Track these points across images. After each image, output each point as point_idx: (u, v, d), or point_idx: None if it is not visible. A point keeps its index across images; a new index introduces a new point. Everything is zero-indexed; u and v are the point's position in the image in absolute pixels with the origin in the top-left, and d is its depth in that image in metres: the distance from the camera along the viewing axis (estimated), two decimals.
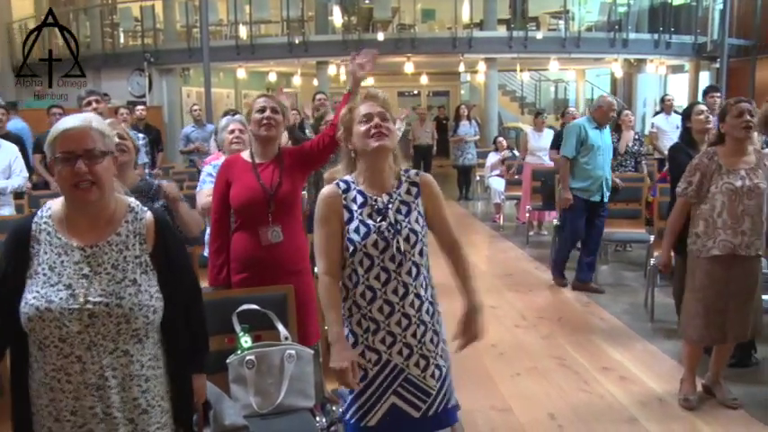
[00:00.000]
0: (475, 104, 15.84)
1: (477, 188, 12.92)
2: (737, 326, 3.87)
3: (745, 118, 3.78)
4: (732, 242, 3.78)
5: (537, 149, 9.13)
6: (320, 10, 15.81)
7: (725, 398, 4.02)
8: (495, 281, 6.95)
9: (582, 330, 5.41)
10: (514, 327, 5.53)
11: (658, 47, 15.35)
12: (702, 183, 3.85)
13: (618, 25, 15.44)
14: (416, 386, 2.42)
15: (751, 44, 15.05)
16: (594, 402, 4.13)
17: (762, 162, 3.86)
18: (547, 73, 19.86)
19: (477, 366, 4.65)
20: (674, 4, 16.28)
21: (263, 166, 3.36)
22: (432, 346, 2.45)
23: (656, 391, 4.23)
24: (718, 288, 3.83)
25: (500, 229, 9.72)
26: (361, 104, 2.45)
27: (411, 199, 2.46)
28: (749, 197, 3.76)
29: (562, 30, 15.47)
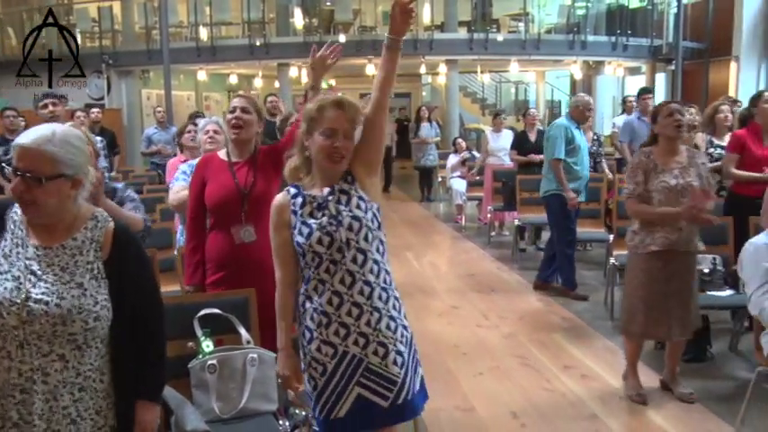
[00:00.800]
0: (436, 106, 15.91)
1: (439, 189, 12.98)
2: (681, 322, 3.97)
3: (676, 117, 3.91)
4: (670, 238, 3.88)
5: (496, 150, 9.21)
6: (281, 12, 15.74)
7: (681, 392, 4.11)
8: (458, 281, 7.00)
9: (543, 329, 5.48)
10: (477, 327, 5.58)
11: (616, 49, 15.61)
12: (646, 181, 3.95)
13: (576, 28, 15.65)
14: (379, 375, 2.41)
15: (704, 47, 15.39)
16: (556, 400, 4.18)
17: (693, 161, 3.98)
18: (507, 74, 20.05)
19: (439, 366, 4.68)
20: (631, 8, 16.57)
21: (238, 166, 3.36)
22: (389, 332, 2.43)
23: (616, 388, 4.30)
24: (658, 285, 3.92)
25: (462, 230, 9.79)
26: (330, 108, 2.41)
27: (348, 187, 2.46)
28: (684, 195, 3.87)
29: (522, 32, 15.63)
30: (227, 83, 17.78)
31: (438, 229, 10.25)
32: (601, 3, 16.61)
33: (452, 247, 9.04)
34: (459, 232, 9.72)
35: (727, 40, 14.48)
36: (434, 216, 11.48)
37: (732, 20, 14.32)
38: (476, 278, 7.10)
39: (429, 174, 12.73)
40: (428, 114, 12.69)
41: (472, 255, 8.31)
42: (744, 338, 4.70)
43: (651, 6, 16.65)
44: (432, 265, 7.88)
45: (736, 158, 5.13)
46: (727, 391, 4.20)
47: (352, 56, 14.56)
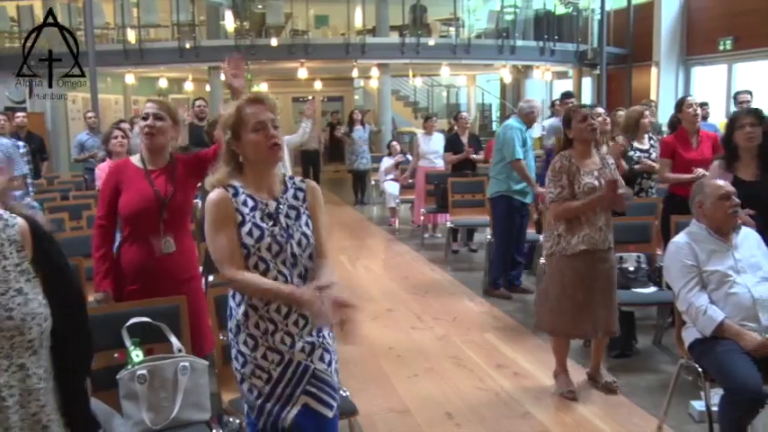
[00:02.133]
0: (369, 110, 15.97)
1: (372, 193, 13.02)
2: (606, 320, 4.10)
3: (589, 121, 4.03)
4: (594, 237, 4.02)
5: (428, 153, 9.30)
6: (211, 14, 15.52)
7: (606, 382, 4.25)
8: (392, 284, 7.03)
9: (476, 329, 5.55)
10: (411, 329, 5.61)
11: (544, 54, 15.96)
12: (570, 184, 4.05)
13: (506, 33, 15.94)
14: (324, 381, 2.41)
15: (627, 53, 15.89)
16: (490, 399, 4.24)
17: (605, 162, 4.13)
18: (439, 78, 20.25)
19: (374, 369, 4.68)
20: (557, 14, 16.98)
21: (155, 174, 3.25)
22: (330, 340, 2.46)
23: (548, 385, 4.38)
24: (586, 283, 4.04)
25: (396, 233, 9.83)
26: (248, 106, 2.39)
27: (299, 204, 2.45)
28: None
29: (453, 37, 15.83)
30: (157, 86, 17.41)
31: (372, 232, 10.27)
32: (528, 9, 16.97)
33: (386, 250, 9.07)
34: (393, 235, 9.76)
35: (648, 46, 15.00)
36: (368, 219, 11.50)
37: (652, 27, 14.83)
38: (409, 280, 7.14)
39: (362, 177, 12.75)
40: (361, 118, 12.72)
41: (406, 257, 8.36)
42: (667, 333, 4.86)
43: (576, 13, 17.10)
44: (366, 268, 7.89)
45: (669, 163, 5.33)
46: (652, 384, 4.34)
47: (284, 59, 14.49)
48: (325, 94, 21.84)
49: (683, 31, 14.66)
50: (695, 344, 3.39)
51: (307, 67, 15.00)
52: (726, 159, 4.19)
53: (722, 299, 3.33)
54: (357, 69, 16.30)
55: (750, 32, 12.68)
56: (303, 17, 16.30)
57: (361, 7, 15.78)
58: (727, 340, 3.22)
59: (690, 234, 3.52)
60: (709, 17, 13.97)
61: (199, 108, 7.54)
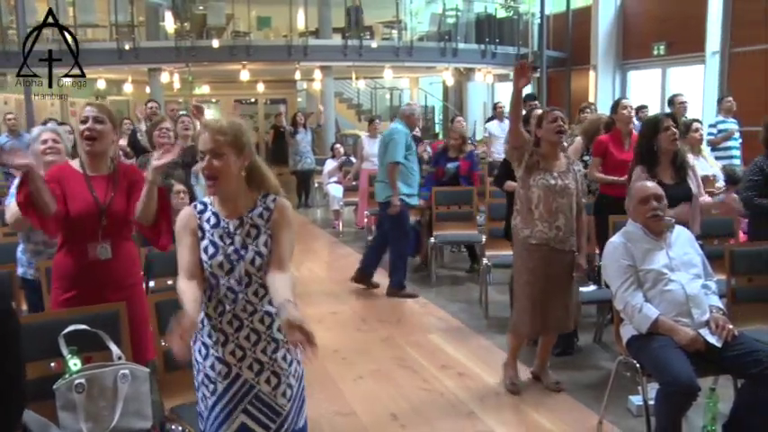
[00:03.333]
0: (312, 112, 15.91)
1: (316, 195, 12.98)
2: (559, 318, 4.19)
3: (558, 123, 4.12)
4: (547, 234, 4.08)
5: (372, 155, 9.28)
6: (151, 15, 15.23)
7: (549, 382, 4.34)
8: (336, 286, 7.01)
9: (420, 330, 5.59)
10: (356, 331, 5.61)
11: (485, 57, 16.16)
12: (528, 175, 4.12)
13: (448, 36, 16.08)
14: (266, 404, 2.40)
15: (566, 56, 16.22)
16: (435, 400, 4.27)
17: (570, 167, 4.21)
18: (382, 80, 20.31)
19: (319, 372, 4.66)
20: (498, 18, 17.22)
21: (96, 180, 3.16)
22: (284, 363, 2.43)
23: (491, 385, 4.45)
24: (541, 283, 4.11)
25: (340, 235, 9.83)
26: (201, 132, 2.42)
27: (262, 222, 2.45)
28: (561, 196, 4.09)
29: (395, 39, 15.90)
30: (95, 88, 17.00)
31: (316, 235, 10.24)
32: (470, 12, 17.16)
33: (330, 253, 9.05)
34: (337, 237, 9.75)
35: (586, 49, 15.32)
36: (312, 222, 11.46)
37: (590, 31, 15.16)
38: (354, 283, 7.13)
39: (306, 179, 12.70)
40: (304, 121, 12.68)
41: (350, 259, 8.33)
42: (607, 331, 4.98)
43: (517, 17, 17.37)
44: (310, 271, 7.86)
45: (599, 162, 5.45)
46: (593, 380, 4.44)
47: (225, 61, 14.32)
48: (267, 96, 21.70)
49: (618, 35, 15.03)
50: (632, 341, 3.48)
51: (249, 69, 14.87)
52: (647, 164, 4.26)
53: (657, 296, 3.43)
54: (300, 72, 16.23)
55: (682, 38, 13.09)
56: (245, 18, 16.14)
57: (303, 9, 15.71)
58: (661, 336, 3.32)
59: (626, 234, 3.62)
60: (644, 23, 14.36)
61: (151, 110, 7.39)
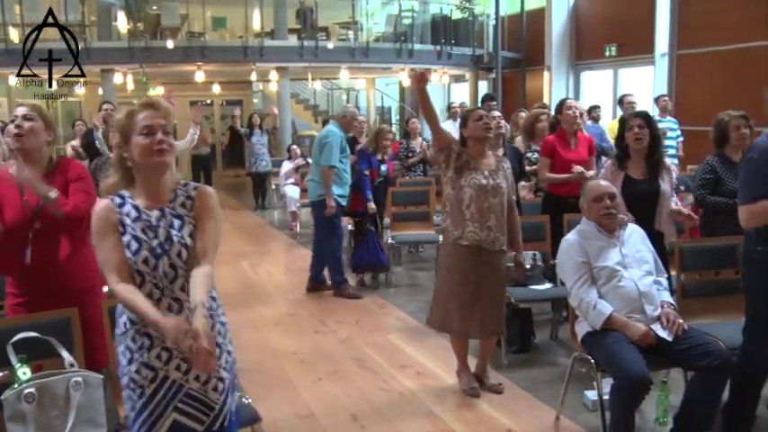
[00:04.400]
0: (268, 113, 15.79)
1: (272, 197, 12.90)
2: (491, 320, 4.20)
3: (484, 121, 4.16)
4: (479, 235, 4.10)
5: None
6: (103, 14, 14.91)
7: (491, 384, 4.36)
8: (294, 288, 6.98)
9: (379, 331, 5.59)
10: (314, 333, 5.59)
11: (441, 58, 16.24)
12: (459, 176, 4.14)
13: (404, 37, 16.12)
14: (198, 400, 2.37)
15: (520, 57, 16.40)
16: (394, 400, 4.28)
17: (500, 165, 4.24)
18: (338, 81, 20.27)
19: (278, 374, 4.64)
20: (454, 19, 17.32)
21: None
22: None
23: (450, 384, 4.47)
24: (471, 284, 4.12)
25: (297, 237, 9.78)
26: (141, 111, 2.33)
27: (185, 212, 2.39)
28: (494, 195, 4.11)
29: (351, 40, 15.88)
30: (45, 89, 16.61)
31: (273, 237, 10.18)
32: (426, 13, 17.23)
33: (288, 255, 9.01)
34: (295, 239, 9.71)
35: (540, 50, 15.52)
36: (269, 224, 11.38)
37: (543, 33, 15.36)
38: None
39: (263, 181, 12.63)
40: (260, 122, 12.60)
41: (307, 261, 8.20)
42: (563, 327, 5.05)
43: (472, 18, 17.50)
44: (267, 273, 7.81)
45: (548, 162, 5.51)
46: (550, 377, 4.50)
47: (180, 62, 14.12)
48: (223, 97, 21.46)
49: (571, 37, 15.26)
50: (587, 337, 3.53)
51: (204, 70, 14.68)
52: (618, 158, 4.37)
53: (611, 292, 3.49)
54: (256, 73, 16.10)
55: (632, 40, 13.35)
56: (200, 19, 15.94)
57: (259, 10, 15.59)
58: (615, 332, 3.38)
59: (580, 232, 3.68)
60: (596, 25, 14.60)
61: (106, 111, 7.24)
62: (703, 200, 4.67)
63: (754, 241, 3.33)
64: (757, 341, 3.37)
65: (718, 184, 4.55)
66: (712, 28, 11.48)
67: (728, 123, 4.61)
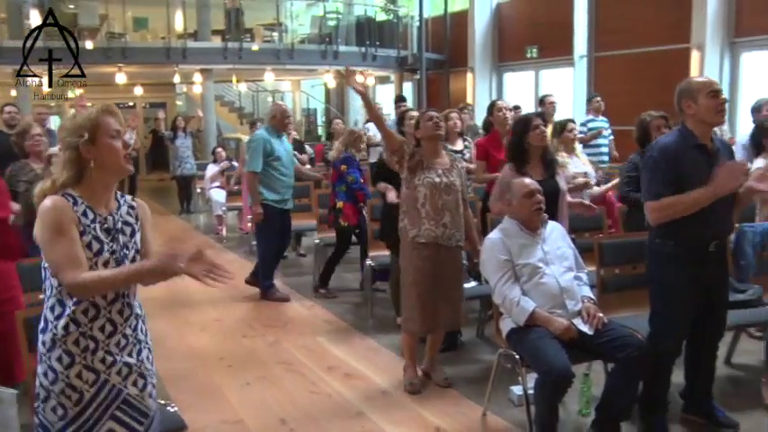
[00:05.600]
0: (193, 116, 15.52)
1: (198, 201, 12.69)
2: (448, 315, 4.26)
3: (435, 121, 4.22)
4: (435, 232, 4.15)
5: None
6: (13, 12, 14.34)
7: (440, 379, 4.42)
8: (221, 293, 6.82)
9: (307, 333, 5.56)
10: (242, 337, 5.52)
11: (366, 59, 16.29)
12: (412, 176, 4.18)
13: (329, 38, 16.11)
14: (134, 407, 2.33)
15: (444, 58, 16.61)
16: (323, 402, 4.26)
17: (454, 164, 4.31)
18: (264, 84, 20.10)
19: (205, 381, 4.56)
20: (378, 21, 17.41)
21: None
22: (149, 364, 2.40)
23: (379, 384, 4.49)
24: (429, 280, 4.18)
25: (224, 241, 9.65)
26: (105, 116, 2.29)
27: (133, 221, 2.39)
28: (447, 193, 4.17)
29: (276, 41, 15.77)
30: None
31: (199, 242, 9.99)
32: (351, 15, 17.26)
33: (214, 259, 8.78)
34: (221, 243, 9.57)
35: (464, 52, 15.76)
36: (194, 228, 11.19)
37: (467, 34, 15.61)
38: (239, 288, 7.00)
39: (187, 184, 12.40)
40: (184, 125, 12.37)
41: (234, 265, 8.20)
42: (489, 325, 5.13)
43: (396, 20, 17.63)
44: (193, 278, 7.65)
45: (483, 165, 5.61)
46: (476, 373, 4.57)
47: (100, 64, 13.71)
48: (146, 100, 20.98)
49: (494, 39, 15.55)
50: (511, 333, 3.60)
51: (125, 72, 14.32)
52: (516, 162, 4.36)
53: (533, 289, 3.57)
54: (179, 75, 15.81)
55: (552, 42, 13.72)
56: (120, 19, 15.53)
57: (181, 10, 15.31)
58: (538, 327, 3.46)
59: (502, 230, 3.75)
60: (517, 27, 14.93)
61: (9, 114, 6.94)
62: (627, 196, 4.82)
63: (653, 234, 3.52)
64: (660, 330, 3.53)
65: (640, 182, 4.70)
66: (628, 31, 11.92)
67: (650, 123, 4.79)
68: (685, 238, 3.36)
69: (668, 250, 3.44)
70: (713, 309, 3.57)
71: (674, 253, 3.42)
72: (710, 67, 10.49)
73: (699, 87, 3.38)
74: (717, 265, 3.50)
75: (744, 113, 8.64)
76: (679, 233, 3.34)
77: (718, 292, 3.57)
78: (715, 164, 3.30)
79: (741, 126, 9.46)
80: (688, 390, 3.81)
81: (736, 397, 4.05)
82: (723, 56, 10.72)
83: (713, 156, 3.37)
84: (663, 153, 3.39)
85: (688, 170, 3.32)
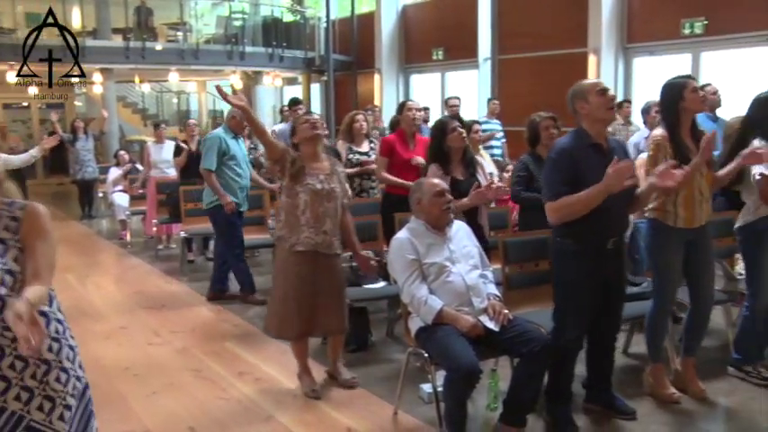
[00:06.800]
0: (94, 117, 15.00)
1: (100, 205, 12.26)
2: (330, 320, 4.26)
3: (310, 122, 4.22)
4: (315, 240, 4.15)
5: (159, 162, 9.00)
6: None
7: (344, 379, 4.43)
8: (125, 300, 6.68)
9: (216, 339, 5.47)
10: (148, 345, 5.37)
11: (273, 60, 16.18)
12: (294, 183, 4.15)
13: (234, 39, 15.90)
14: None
15: (352, 60, 16.67)
16: (233, 408, 4.20)
17: (334, 169, 4.32)
18: (168, 84, 19.64)
19: (109, 391, 4.41)
20: (285, 21, 17.31)
21: None
22: (59, 385, 2.22)
23: (289, 387, 4.46)
24: (308, 286, 4.16)
25: (128, 246, 9.34)
26: None
27: (9, 236, 2.16)
28: (328, 200, 4.17)
29: (181, 41, 15.44)
30: None
31: (101, 247, 9.67)
32: (257, 15, 17.08)
33: (118, 265, 8.59)
34: (125, 249, 9.27)
35: (371, 54, 15.87)
36: (97, 234, 10.80)
37: (374, 36, 15.72)
38: (144, 294, 6.84)
39: (89, 188, 11.95)
40: (84, 126, 11.92)
41: (139, 271, 7.99)
42: (398, 324, 5.16)
43: (303, 21, 17.57)
44: (96, 285, 7.41)
45: (385, 162, 5.64)
46: (387, 373, 4.60)
47: None
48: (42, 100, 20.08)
49: (401, 41, 15.73)
50: (420, 332, 3.66)
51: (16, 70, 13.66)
52: (441, 163, 4.49)
53: (440, 287, 3.63)
54: None
55: (457, 45, 14.00)
56: (10, 14, 14.81)
57: (79, 7, 14.73)
58: (446, 325, 3.52)
59: (410, 230, 3.80)
60: (423, 29, 15.15)
61: None
62: (518, 195, 4.96)
63: (555, 233, 3.67)
64: (563, 323, 3.69)
65: (532, 181, 4.85)
66: (530, 35, 12.30)
67: (539, 124, 4.94)
68: (584, 236, 3.51)
69: (569, 247, 3.58)
70: (612, 303, 3.75)
71: (574, 250, 3.56)
72: (606, 71, 10.97)
73: (588, 88, 3.58)
74: (615, 261, 3.66)
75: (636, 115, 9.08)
76: (578, 231, 3.49)
77: (616, 286, 3.75)
78: (609, 162, 3.46)
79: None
80: (589, 380, 3.98)
81: (632, 385, 4.25)
82: (617, 60, 11.22)
83: (608, 155, 3.53)
84: (560, 154, 3.55)
85: (584, 169, 3.47)
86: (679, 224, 3.87)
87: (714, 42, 10.09)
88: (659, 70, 10.84)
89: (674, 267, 3.95)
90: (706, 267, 4.05)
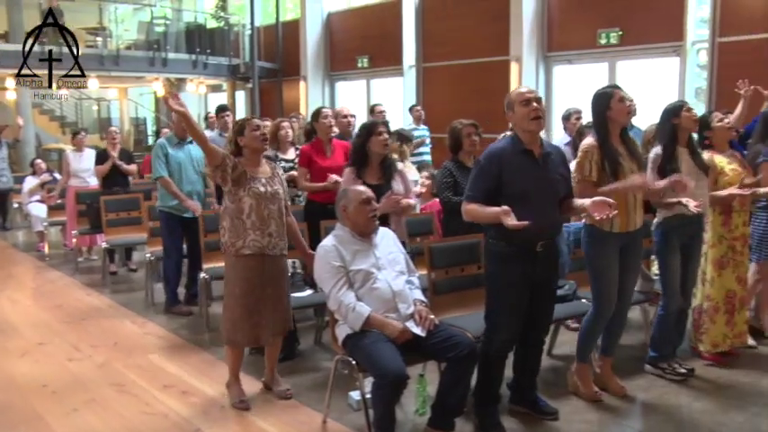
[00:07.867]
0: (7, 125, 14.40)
1: (15, 216, 11.79)
2: (275, 323, 4.23)
3: (261, 131, 4.18)
4: (261, 242, 4.12)
5: (79, 171, 8.71)
6: None
7: (280, 390, 4.39)
8: (43, 315, 6.43)
9: (140, 352, 5.33)
10: (67, 361, 5.18)
11: (197, 67, 15.94)
12: (236, 188, 4.11)
13: (157, 45, 15.59)
14: None
15: (277, 67, 16.58)
16: (158, 422, 4.10)
17: (275, 172, 4.30)
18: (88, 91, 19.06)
19: (25, 411, 4.24)
20: (209, 28, 17.07)
21: None
22: None
23: (216, 399, 4.38)
24: (256, 290, 4.13)
25: (46, 259, 9.01)
26: None
27: None
28: (272, 202, 4.15)
29: (100, 47, 15.03)
30: None
31: (17, 260, 9.29)
32: (180, 21, 16.80)
33: (35, 278, 8.27)
34: (43, 261, 8.94)
35: (296, 61, 15.81)
36: (12, 246, 10.36)
37: (299, 43, 15.67)
38: (64, 308, 6.61)
39: (3, 199, 11.46)
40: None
41: (59, 284, 7.71)
42: (326, 332, 5.15)
43: (228, 28, 17.37)
44: (11, 300, 7.10)
45: (305, 172, 5.62)
46: (315, 381, 4.58)
47: None
48: None
49: (326, 48, 15.73)
50: (347, 339, 3.66)
51: None
52: (356, 166, 4.54)
53: (367, 294, 3.65)
54: None
55: (383, 53, 14.10)
56: None
57: None
58: (373, 332, 3.54)
59: (336, 237, 3.81)
60: (348, 37, 15.19)
61: None
62: (448, 201, 5.02)
63: (488, 234, 3.75)
64: (494, 325, 3.76)
65: (456, 187, 4.91)
66: (453, 44, 12.51)
67: (461, 131, 5.01)
68: (515, 239, 3.56)
69: (500, 249, 3.66)
70: (541, 305, 3.83)
71: (505, 252, 3.64)
72: (527, 79, 11.23)
73: (514, 98, 3.67)
74: (544, 263, 3.74)
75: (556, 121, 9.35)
76: (509, 234, 3.53)
77: (546, 289, 3.83)
78: (541, 169, 3.55)
79: (555, 132, 10.19)
80: (515, 382, 4.06)
81: (556, 386, 4.36)
82: (538, 68, 11.50)
83: (540, 161, 3.62)
84: (488, 158, 3.63)
85: (512, 175, 3.55)
86: (615, 229, 3.97)
87: (629, 52, 10.48)
88: (578, 78, 11.21)
89: (612, 271, 4.04)
90: (633, 270, 4.18)
